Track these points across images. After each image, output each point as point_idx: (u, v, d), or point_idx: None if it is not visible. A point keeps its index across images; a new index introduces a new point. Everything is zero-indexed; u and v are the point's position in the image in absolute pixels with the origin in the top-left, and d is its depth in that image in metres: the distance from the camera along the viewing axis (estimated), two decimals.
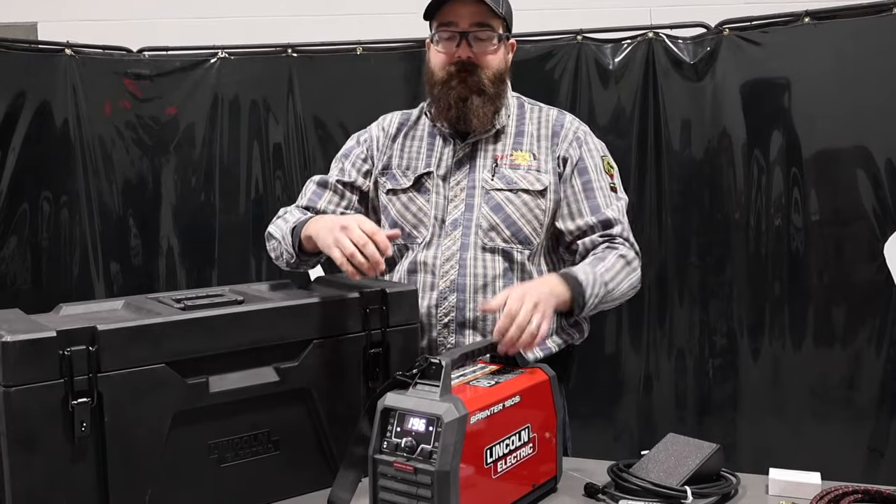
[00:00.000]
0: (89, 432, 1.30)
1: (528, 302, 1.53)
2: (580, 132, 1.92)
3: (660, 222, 2.99)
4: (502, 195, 1.85)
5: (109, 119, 3.22)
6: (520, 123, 1.92)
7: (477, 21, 1.80)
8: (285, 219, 1.91)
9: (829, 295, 2.79)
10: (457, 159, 1.88)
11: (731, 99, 2.88)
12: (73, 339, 1.29)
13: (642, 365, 3.04)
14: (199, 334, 1.41)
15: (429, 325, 1.85)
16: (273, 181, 3.26)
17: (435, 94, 1.86)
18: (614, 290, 1.77)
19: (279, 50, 3.24)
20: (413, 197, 1.90)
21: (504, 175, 1.86)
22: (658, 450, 1.56)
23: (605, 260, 1.78)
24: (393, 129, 1.98)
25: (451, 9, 1.80)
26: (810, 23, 2.77)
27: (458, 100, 1.81)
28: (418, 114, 1.99)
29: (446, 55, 1.83)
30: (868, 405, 2.74)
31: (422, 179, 1.90)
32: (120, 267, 3.28)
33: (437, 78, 1.85)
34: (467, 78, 1.81)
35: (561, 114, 1.96)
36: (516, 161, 1.87)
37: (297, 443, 1.54)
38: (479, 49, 1.82)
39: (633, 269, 1.83)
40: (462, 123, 1.84)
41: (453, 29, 1.81)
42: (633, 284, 1.84)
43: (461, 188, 1.87)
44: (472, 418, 1.30)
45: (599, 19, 3.06)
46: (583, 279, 1.70)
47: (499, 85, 1.85)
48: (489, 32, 1.82)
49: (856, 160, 2.73)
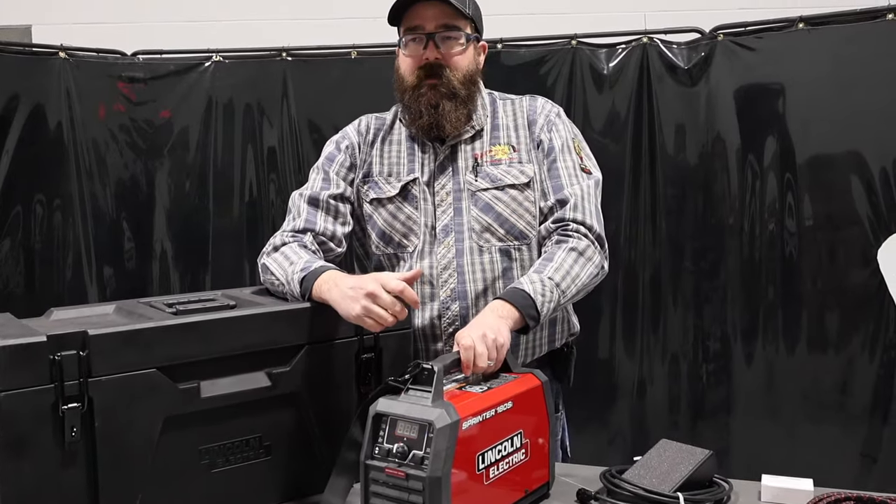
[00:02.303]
0: (79, 437, 1.30)
1: (476, 340, 1.48)
2: (552, 115, 1.90)
3: (654, 227, 2.99)
4: (489, 194, 1.83)
5: (103, 122, 3.21)
6: (494, 118, 1.90)
7: (443, 23, 1.79)
8: (286, 255, 1.77)
9: (822, 300, 2.79)
10: (438, 163, 1.86)
11: (726, 104, 2.88)
12: (63, 343, 1.28)
13: (636, 369, 3.04)
14: (190, 339, 1.41)
15: (433, 337, 1.83)
16: (267, 185, 3.25)
17: (406, 101, 1.84)
18: (569, 287, 1.71)
19: (273, 53, 3.23)
20: (400, 206, 1.87)
21: (487, 173, 1.84)
22: (651, 456, 1.56)
23: (553, 259, 1.73)
24: (370, 134, 1.94)
25: (416, 12, 1.80)
26: (804, 28, 2.77)
27: (430, 106, 1.80)
28: (392, 118, 1.96)
29: (413, 58, 1.82)
30: (861, 411, 2.74)
31: (408, 187, 1.87)
32: (113, 270, 3.27)
33: (407, 84, 1.83)
34: (436, 84, 1.80)
35: (533, 99, 1.94)
36: (496, 156, 1.85)
37: (288, 448, 1.53)
38: (447, 50, 1.81)
39: (587, 259, 1.75)
40: (435, 129, 1.82)
41: (419, 32, 1.80)
42: (593, 273, 1.76)
43: (447, 192, 1.85)
44: (464, 424, 1.30)
45: (594, 24, 3.06)
46: (530, 291, 1.65)
47: (469, 87, 1.83)
48: (456, 33, 1.81)
49: (849, 166, 2.73)
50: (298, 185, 2.01)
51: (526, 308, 1.63)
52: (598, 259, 1.79)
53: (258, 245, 3.22)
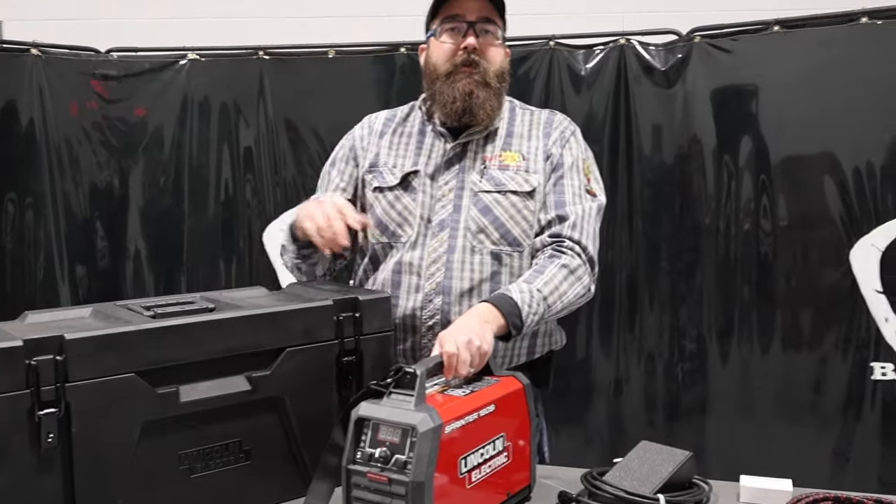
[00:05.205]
0: (56, 443, 1.28)
1: (461, 346, 1.48)
2: (567, 132, 1.92)
3: (630, 227, 3.00)
4: (490, 197, 1.83)
5: (76, 119, 3.16)
6: (510, 125, 1.91)
7: (484, 15, 1.82)
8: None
9: (796, 300, 2.82)
10: (446, 158, 1.87)
11: (702, 105, 2.90)
12: (39, 348, 1.26)
13: (612, 369, 3.05)
14: (169, 343, 1.39)
15: (413, 328, 1.83)
16: (243, 185, 3.22)
17: (437, 88, 1.85)
18: (556, 302, 1.73)
19: (250, 52, 3.20)
20: (399, 195, 1.88)
21: (492, 176, 1.85)
22: (631, 458, 1.56)
23: (544, 272, 1.74)
24: (379, 125, 1.97)
25: (458, 3, 1.82)
26: (780, 31, 2.79)
27: (464, 93, 1.80)
28: (408, 110, 1.98)
29: (453, 45, 1.83)
30: (834, 410, 2.77)
31: (409, 178, 1.88)
32: (86, 270, 3.22)
33: (441, 71, 1.84)
34: (472, 72, 1.81)
35: (552, 114, 1.96)
36: (505, 162, 1.86)
37: (268, 453, 1.52)
38: (485, 41, 1.83)
39: (577, 278, 1.78)
40: (468, 116, 1.83)
41: (460, 20, 1.82)
42: (580, 293, 1.79)
43: (449, 188, 1.85)
44: (446, 428, 1.29)
45: (572, 25, 3.06)
46: (518, 299, 1.67)
47: (501, 82, 1.86)
48: (494, 27, 1.84)
49: (823, 166, 2.76)
50: (275, 186, 2.00)
51: (511, 316, 1.64)
52: (587, 280, 1.81)
53: (233, 245, 3.25)
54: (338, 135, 2.10)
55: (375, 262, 1.92)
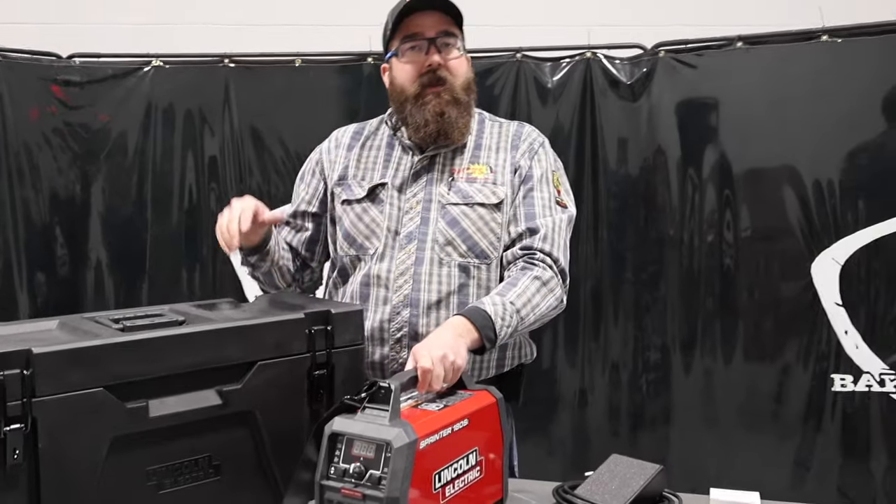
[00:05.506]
0: (22, 459, 1.24)
1: (436, 362, 1.48)
2: (535, 143, 1.92)
3: (595, 238, 3.03)
4: (458, 209, 1.83)
5: (36, 125, 3.11)
6: (479, 137, 1.91)
7: (442, 29, 1.81)
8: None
9: (759, 311, 2.87)
10: (414, 171, 1.86)
11: (667, 118, 2.94)
12: (5, 362, 1.23)
13: (577, 379, 3.07)
14: (138, 357, 1.37)
15: (381, 340, 1.82)
16: (207, 193, 3.20)
17: (408, 111, 1.83)
18: (529, 315, 1.73)
19: (216, 59, 3.18)
20: (367, 207, 1.87)
21: (460, 189, 1.84)
22: (602, 471, 1.57)
23: (517, 284, 1.74)
24: (347, 138, 1.96)
25: (413, 21, 1.80)
26: (742, 47, 2.85)
27: (436, 114, 1.79)
28: (377, 124, 1.97)
29: (415, 65, 1.81)
30: (795, 420, 2.82)
31: (376, 190, 1.87)
32: (45, 278, 3.17)
33: (409, 93, 1.82)
34: (440, 91, 1.80)
35: (521, 126, 1.96)
36: (473, 174, 1.85)
37: (239, 468, 1.49)
38: (447, 55, 1.81)
39: (549, 290, 1.77)
40: (442, 137, 1.82)
41: (419, 38, 1.80)
42: (552, 305, 1.79)
43: (417, 200, 1.84)
44: (421, 443, 1.29)
45: (539, 38, 3.09)
46: (491, 312, 1.66)
47: (469, 94, 1.85)
48: (454, 39, 1.82)
49: (784, 179, 2.82)
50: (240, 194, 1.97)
51: (485, 329, 1.64)
52: (560, 292, 1.81)
53: (196, 254, 3.21)
54: (303, 143, 2.09)
55: (344, 275, 1.91)
